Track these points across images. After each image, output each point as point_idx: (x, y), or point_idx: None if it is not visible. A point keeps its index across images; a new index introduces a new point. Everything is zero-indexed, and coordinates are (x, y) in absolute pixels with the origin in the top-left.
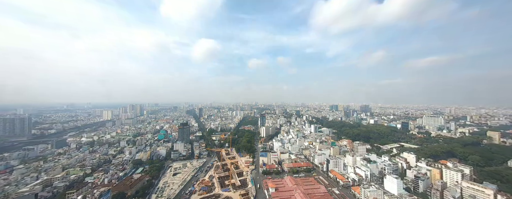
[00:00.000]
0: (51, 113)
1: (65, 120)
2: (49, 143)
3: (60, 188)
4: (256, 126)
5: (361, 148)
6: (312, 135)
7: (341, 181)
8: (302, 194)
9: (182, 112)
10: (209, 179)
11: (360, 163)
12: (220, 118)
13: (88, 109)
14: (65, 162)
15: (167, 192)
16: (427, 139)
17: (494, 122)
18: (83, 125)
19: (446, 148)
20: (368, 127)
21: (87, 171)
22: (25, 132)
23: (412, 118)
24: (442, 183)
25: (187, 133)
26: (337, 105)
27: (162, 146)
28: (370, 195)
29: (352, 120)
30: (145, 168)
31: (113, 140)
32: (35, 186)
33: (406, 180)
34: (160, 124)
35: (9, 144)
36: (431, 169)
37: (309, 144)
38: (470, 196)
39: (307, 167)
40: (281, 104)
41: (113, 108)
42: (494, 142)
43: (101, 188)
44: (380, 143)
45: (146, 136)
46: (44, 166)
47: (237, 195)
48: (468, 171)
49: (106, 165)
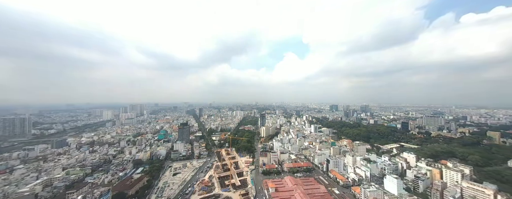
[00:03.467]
0: (51, 113)
1: (65, 120)
2: (49, 143)
3: (60, 188)
4: (256, 126)
5: (361, 148)
6: (312, 135)
7: (341, 181)
8: (302, 194)
9: (182, 112)
10: (209, 179)
11: (360, 163)
12: (220, 118)
13: (88, 109)
14: (65, 162)
15: (167, 192)
16: (427, 139)
17: (494, 122)
18: (83, 125)
19: (446, 148)
20: (368, 127)
21: (87, 171)
22: (25, 132)
23: (412, 118)
24: (442, 183)
25: (187, 133)
26: (337, 105)
27: (162, 146)
28: (370, 195)
29: (352, 120)
30: (145, 168)
31: (113, 140)
32: (35, 186)
33: (406, 180)
34: (160, 124)
35: (9, 144)
36: (431, 169)
37: (309, 144)
38: (470, 196)
39: (307, 167)
40: (281, 104)
41: (113, 108)
42: (494, 142)
43: (101, 188)
44: (380, 143)
45: (146, 136)
46: (44, 166)
47: (237, 195)
48: (468, 171)
49: (106, 165)
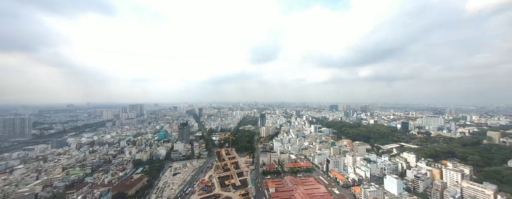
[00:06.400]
0: (51, 113)
1: (65, 120)
2: (49, 143)
3: (60, 188)
4: (256, 126)
5: (361, 148)
6: (312, 135)
7: (341, 181)
8: (302, 194)
9: (182, 112)
10: (209, 179)
11: (360, 163)
12: (220, 118)
13: (88, 109)
14: (65, 162)
15: (167, 192)
16: (427, 139)
17: (494, 122)
18: (83, 125)
19: (446, 148)
20: (368, 127)
21: (87, 171)
22: (25, 132)
23: (412, 118)
24: (442, 183)
25: (187, 133)
26: (337, 105)
27: (162, 146)
28: (370, 195)
29: (352, 120)
30: (145, 168)
31: (113, 140)
32: (35, 186)
33: (406, 180)
34: (160, 124)
35: (9, 144)
36: (431, 169)
37: (309, 144)
38: (470, 196)
39: (307, 167)
40: (281, 104)
41: (113, 108)
42: (494, 142)
43: (101, 188)
44: (380, 143)
45: (146, 136)
46: (44, 166)
47: (237, 195)
48: (468, 171)
49: (106, 165)
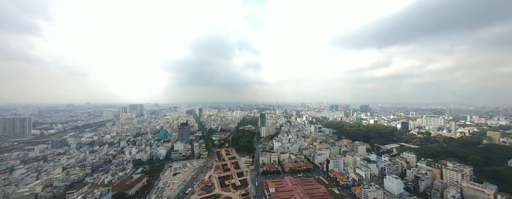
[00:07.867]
0: (51, 113)
1: (65, 120)
2: (49, 143)
3: (60, 188)
4: (256, 126)
5: (361, 148)
6: (312, 135)
7: (341, 181)
8: (302, 194)
9: (182, 112)
10: (209, 179)
11: (360, 163)
12: (220, 118)
13: (88, 109)
14: (65, 162)
15: (167, 192)
16: (427, 139)
17: (494, 122)
18: (83, 125)
19: (446, 148)
20: (368, 127)
21: (87, 171)
22: (25, 132)
23: (412, 118)
24: (442, 183)
25: (187, 133)
26: (337, 105)
27: (162, 146)
28: (370, 195)
29: (352, 120)
30: (145, 168)
31: (113, 140)
32: (35, 186)
33: (406, 180)
34: (160, 124)
35: (9, 144)
36: (431, 169)
37: (309, 144)
38: (470, 196)
39: (307, 167)
40: (281, 104)
41: (113, 108)
42: (494, 142)
43: (101, 188)
44: (380, 143)
45: (146, 136)
46: (44, 166)
47: (237, 195)
48: (468, 171)
49: (106, 165)
